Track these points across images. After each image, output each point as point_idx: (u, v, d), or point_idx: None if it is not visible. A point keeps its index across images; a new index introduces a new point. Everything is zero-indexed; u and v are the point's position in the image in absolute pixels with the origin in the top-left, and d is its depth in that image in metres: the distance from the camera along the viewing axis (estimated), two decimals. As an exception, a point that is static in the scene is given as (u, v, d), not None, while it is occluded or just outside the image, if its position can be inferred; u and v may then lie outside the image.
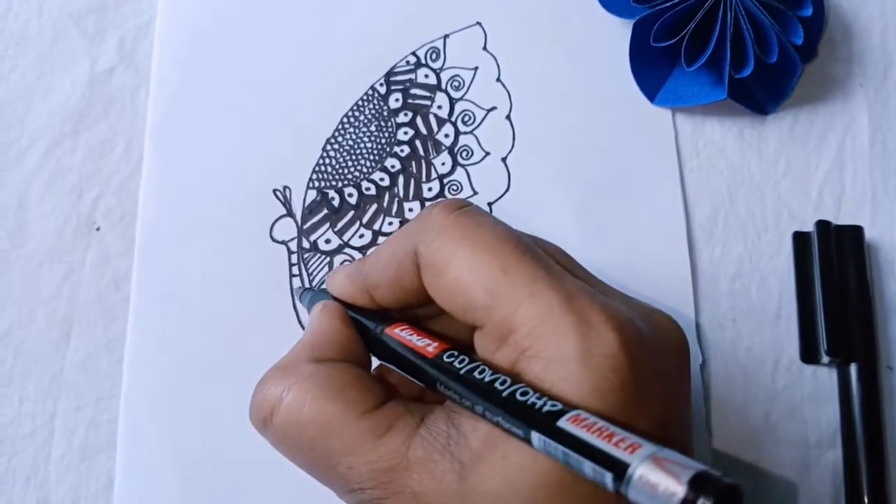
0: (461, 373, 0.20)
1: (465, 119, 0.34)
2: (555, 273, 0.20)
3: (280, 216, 0.32)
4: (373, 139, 0.34)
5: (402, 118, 0.34)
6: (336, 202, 0.33)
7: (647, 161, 0.34)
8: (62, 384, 0.30)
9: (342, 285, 0.24)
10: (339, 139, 0.34)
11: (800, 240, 0.33)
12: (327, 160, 0.33)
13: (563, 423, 0.17)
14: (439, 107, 0.34)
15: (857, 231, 0.33)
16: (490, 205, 0.33)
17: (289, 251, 0.32)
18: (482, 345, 0.21)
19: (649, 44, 0.33)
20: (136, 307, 0.31)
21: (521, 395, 0.18)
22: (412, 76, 0.35)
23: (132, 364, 0.30)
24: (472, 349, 0.21)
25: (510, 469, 0.18)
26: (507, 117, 0.34)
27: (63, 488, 0.29)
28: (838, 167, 0.34)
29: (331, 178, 0.33)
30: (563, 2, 0.36)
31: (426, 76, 0.35)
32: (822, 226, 0.32)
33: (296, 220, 0.33)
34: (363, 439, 0.20)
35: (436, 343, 0.21)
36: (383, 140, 0.34)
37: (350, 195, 0.33)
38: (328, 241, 0.32)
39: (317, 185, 0.33)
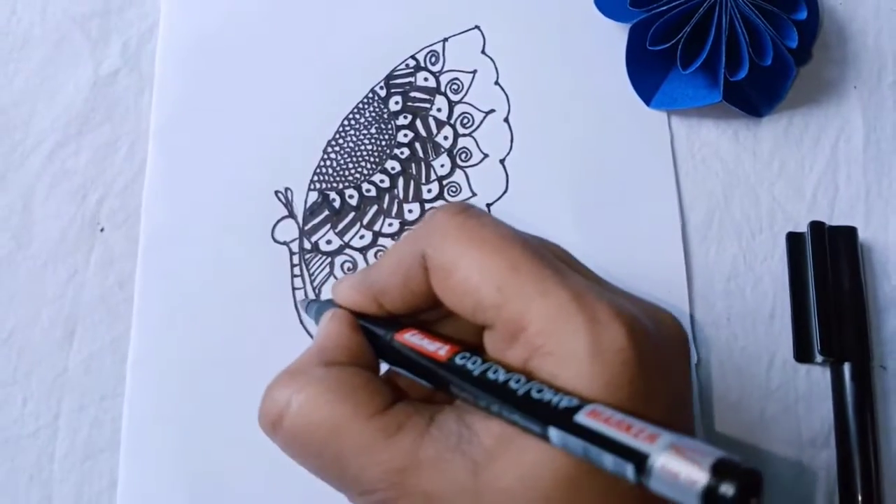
0: (475, 374, 0.20)
1: (464, 121, 0.35)
2: (562, 271, 0.20)
3: (282, 217, 0.33)
4: (373, 141, 0.34)
5: (401, 121, 0.35)
6: (337, 203, 0.33)
7: (643, 163, 0.34)
8: (66, 384, 0.30)
9: (348, 295, 0.24)
10: (340, 141, 0.34)
11: (794, 240, 0.33)
12: (328, 162, 0.34)
13: (582, 418, 0.17)
14: (438, 109, 0.35)
15: (850, 232, 0.33)
16: (489, 206, 0.33)
17: (290, 252, 0.32)
18: (492, 344, 0.21)
19: (645, 47, 0.34)
20: (140, 307, 0.31)
21: (537, 392, 0.18)
22: (412, 79, 0.35)
23: (135, 364, 0.30)
24: (481, 350, 0.21)
25: (526, 465, 0.18)
26: (506, 120, 0.35)
27: (66, 487, 0.29)
28: (832, 169, 0.35)
29: (332, 179, 0.34)
30: (560, 6, 0.36)
31: (426, 79, 0.35)
32: (815, 226, 0.33)
33: (297, 222, 0.33)
34: (374, 440, 0.20)
35: (447, 346, 0.21)
36: (383, 142, 0.34)
37: (351, 197, 0.33)
38: (329, 241, 0.33)
39: (318, 186, 0.33)
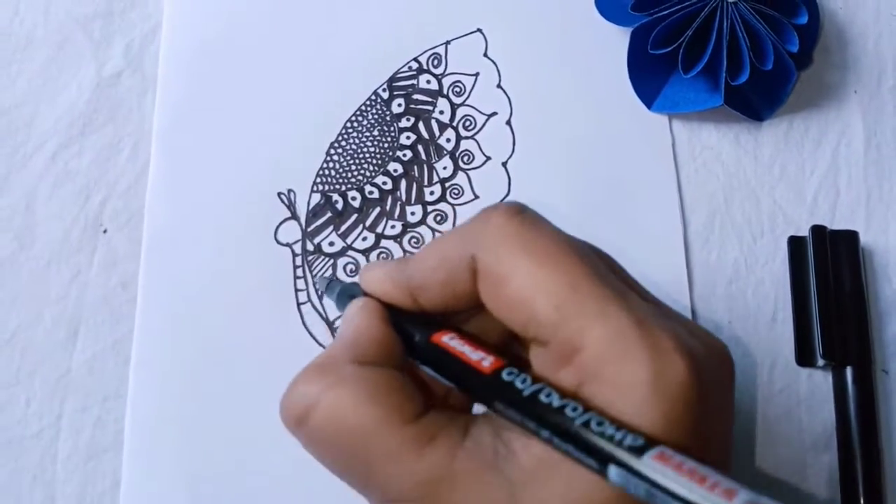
0: (525, 394, 0.19)
1: (467, 124, 0.35)
2: (623, 293, 0.19)
3: (284, 219, 0.33)
4: (376, 144, 0.34)
5: (404, 123, 0.35)
6: (339, 205, 0.33)
7: (644, 166, 0.34)
8: (69, 384, 0.30)
9: (381, 283, 0.22)
10: (343, 143, 0.34)
11: (795, 244, 0.33)
12: (331, 164, 0.34)
13: (649, 461, 0.17)
14: (441, 112, 0.35)
15: (852, 235, 0.33)
16: (491, 209, 0.34)
17: (293, 253, 0.32)
18: (541, 362, 0.20)
19: (647, 51, 0.34)
20: (143, 308, 0.31)
21: (597, 424, 0.17)
22: (414, 82, 0.35)
23: (139, 364, 0.30)
24: (516, 358, 0.20)
25: (574, 495, 0.18)
26: (508, 123, 0.35)
27: (70, 488, 0.29)
28: (833, 172, 0.35)
29: (334, 181, 0.34)
30: (562, 10, 0.36)
31: (428, 82, 0.35)
32: (817, 230, 0.33)
33: (300, 223, 0.33)
34: (406, 448, 0.19)
35: (491, 357, 0.20)
36: (386, 144, 0.34)
37: (353, 199, 0.34)
38: (332, 243, 0.33)
39: (321, 188, 0.34)
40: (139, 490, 0.29)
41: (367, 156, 0.34)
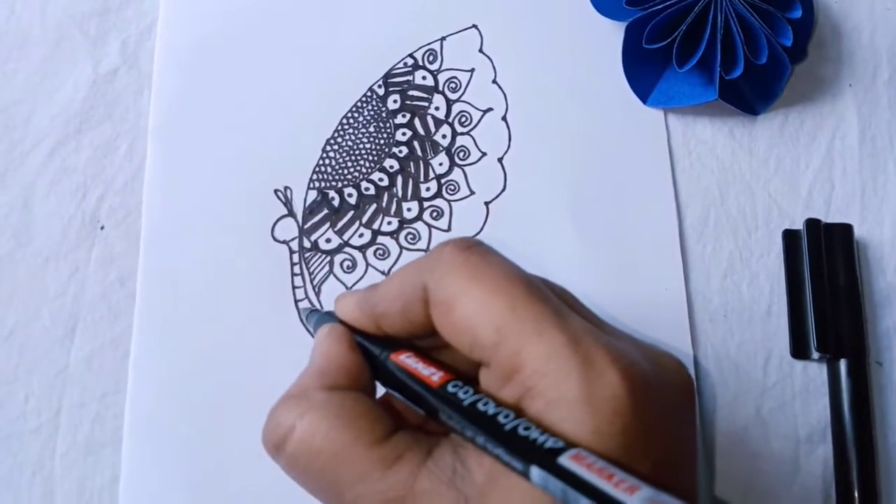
0: (464, 404, 0.20)
1: (462, 120, 0.35)
2: (562, 313, 0.20)
3: (281, 216, 0.33)
4: (372, 140, 0.34)
5: (400, 119, 0.35)
6: (336, 202, 0.34)
7: (639, 160, 0.34)
8: (67, 380, 0.31)
9: (351, 311, 0.24)
10: (339, 140, 0.34)
11: (790, 237, 0.33)
12: (327, 161, 0.34)
13: (564, 461, 0.17)
14: (437, 108, 0.35)
15: (846, 229, 0.33)
16: (487, 204, 0.34)
17: (290, 250, 0.33)
18: (487, 382, 0.21)
19: (641, 46, 0.34)
20: (141, 305, 0.31)
21: (524, 429, 0.18)
22: (410, 78, 0.35)
23: (137, 360, 0.31)
24: (477, 382, 0.21)
25: None
26: (504, 118, 0.35)
27: (69, 483, 0.29)
28: (828, 166, 0.35)
29: (331, 178, 0.34)
30: (557, 5, 0.37)
31: (424, 78, 0.36)
32: (811, 224, 0.33)
33: (297, 220, 0.33)
34: (373, 469, 0.20)
35: (441, 372, 0.21)
36: (382, 141, 0.35)
37: (350, 195, 0.34)
38: (328, 240, 0.33)
39: (317, 185, 0.34)
40: (138, 484, 0.29)
41: (363, 152, 0.34)
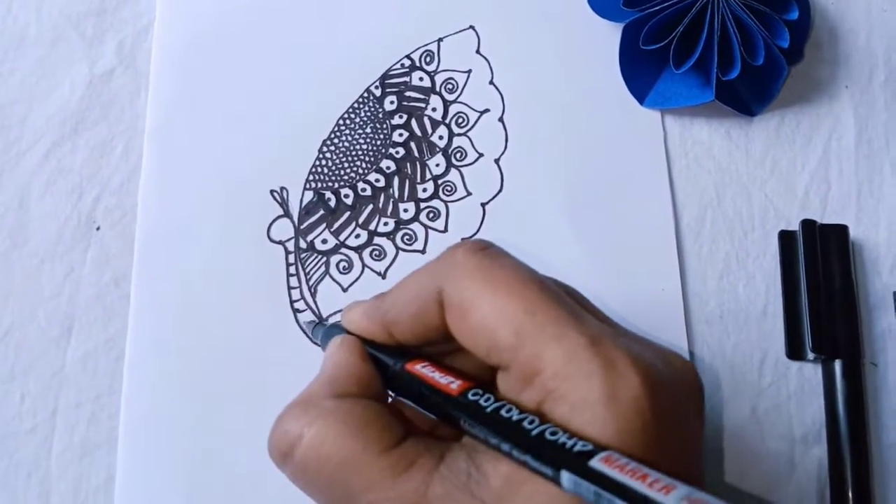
0: (487, 411, 0.20)
1: (459, 121, 0.35)
2: (579, 315, 0.20)
3: (277, 217, 0.33)
4: (368, 141, 0.34)
5: (396, 120, 0.35)
6: (332, 203, 0.34)
7: (636, 161, 0.34)
8: (63, 381, 0.31)
9: (359, 321, 0.24)
10: (336, 141, 0.34)
11: (786, 238, 0.33)
12: (324, 161, 0.34)
13: (596, 464, 0.17)
14: (433, 109, 0.35)
15: (842, 230, 0.33)
16: (483, 205, 0.34)
17: (286, 251, 0.33)
18: (506, 386, 0.21)
19: (638, 47, 0.34)
20: (136, 305, 0.31)
21: (551, 434, 0.18)
22: (407, 79, 0.35)
23: (132, 361, 0.31)
24: (491, 387, 0.21)
25: None
26: (500, 119, 0.35)
27: (64, 483, 0.29)
28: (824, 167, 0.35)
29: (327, 179, 0.34)
30: (554, 6, 0.37)
31: (421, 79, 0.36)
32: (807, 225, 0.33)
33: (293, 221, 0.33)
34: (383, 476, 0.20)
35: (459, 381, 0.21)
36: (378, 142, 0.35)
37: (346, 196, 0.34)
38: (325, 241, 0.33)
39: (313, 186, 0.34)
40: (133, 485, 0.29)
41: (360, 153, 0.34)
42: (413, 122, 0.35)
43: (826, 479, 0.30)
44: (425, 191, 0.34)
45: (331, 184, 0.34)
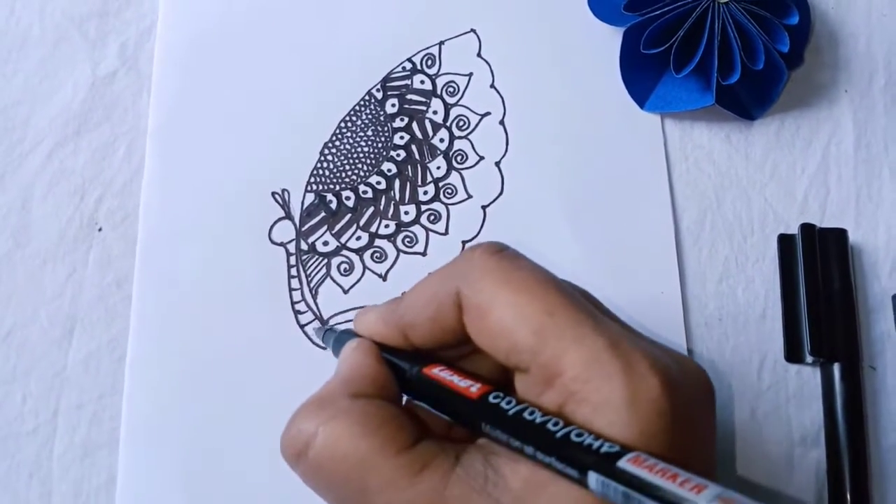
0: (509, 414, 0.20)
1: (460, 124, 0.35)
2: (597, 318, 0.20)
3: (279, 219, 0.33)
4: (369, 143, 0.35)
5: (398, 123, 0.35)
6: (333, 205, 0.34)
7: (636, 165, 0.35)
8: (65, 382, 0.31)
9: (374, 325, 0.24)
10: (337, 143, 0.34)
11: (785, 242, 0.34)
12: (325, 164, 0.34)
13: (625, 464, 0.17)
14: (435, 112, 0.35)
15: (841, 234, 0.33)
16: (484, 208, 0.34)
17: (287, 253, 0.33)
18: (525, 388, 0.21)
19: (639, 51, 0.34)
20: (138, 307, 0.31)
21: (577, 436, 0.18)
22: (408, 82, 0.36)
23: (134, 362, 0.31)
24: (507, 390, 0.21)
25: None
26: (501, 122, 0.35)
27: (66, 484, 0.29)
28: (823, 171, 0.35)
29: (328, 181, 0.34)
30: (555, 10, 0.37)
31: (422, 82, 0.36)
32: (806, 228, 0.33)
33: (294, 223, 0.33)
34: (400, 476, 0.20)
35: (478, 384, 0.21)
36: (380, 144, 0.35)
37: (347, 198, 0.34)
38: (326, 243, 0.33)
39: (315, 188, 0.34)
40: (135, 486, 0.29)
41: (361, 155, 0.34)
42: (414, 125, 0.35)
43: (824, 482, 0.31)
44: (426, 193, 0.34)
45: (332, 186, 0.34)
